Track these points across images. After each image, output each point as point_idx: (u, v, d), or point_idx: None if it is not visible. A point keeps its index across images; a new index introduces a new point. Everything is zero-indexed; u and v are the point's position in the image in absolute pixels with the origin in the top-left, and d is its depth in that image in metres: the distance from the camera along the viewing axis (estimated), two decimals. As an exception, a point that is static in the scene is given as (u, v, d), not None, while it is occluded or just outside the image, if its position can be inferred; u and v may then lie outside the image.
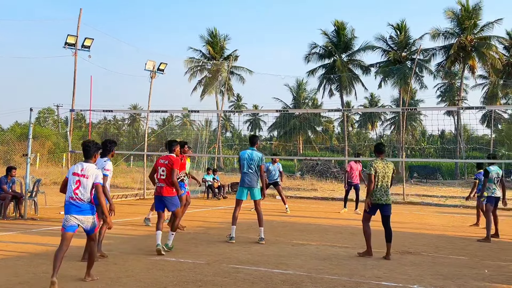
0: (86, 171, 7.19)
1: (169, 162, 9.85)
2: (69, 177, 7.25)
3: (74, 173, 7.21)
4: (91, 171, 7.21)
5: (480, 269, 8.80)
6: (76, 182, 7.14)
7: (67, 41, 18.84)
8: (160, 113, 19.70)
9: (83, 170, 7.20)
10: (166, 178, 9.78)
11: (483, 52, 49.77)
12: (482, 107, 20.70)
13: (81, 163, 7.35)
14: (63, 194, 7.27)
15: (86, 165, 7.26)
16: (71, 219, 7.12)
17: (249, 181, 11.18)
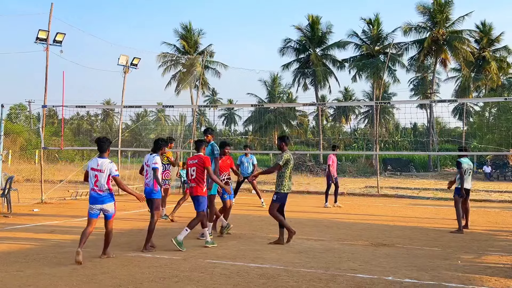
0: (101, 166, 8.39)
1: (199, 161, 9.85)
2: (89, 172, 8.47)
3: (92, 168, 8.44)
4: (106, 165, 8.40)
5: (453, 260, 8.94)
6: (95, 176, 8.39)
7: (39, 36, 18.49)
8: (134, 108, 19.51)
9: (98, 165, 8.41)
10: (196, 178, 9.80)
11: (455, 46, 50.45)
12: (454, 100, 20.98)
13: (96, 158, 8.52)
14: (36, 191, 7.35)
15: (101, 161, 8.45)
16: (94, 208, 8.48)
17: None
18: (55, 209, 16.40)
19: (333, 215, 15.58)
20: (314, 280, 7.23)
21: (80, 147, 43.71)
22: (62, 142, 19.43)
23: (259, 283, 7.01)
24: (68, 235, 11.02)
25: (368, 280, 7.29)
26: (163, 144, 10.04)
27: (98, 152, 8.61)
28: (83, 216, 14.43)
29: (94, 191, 8.43)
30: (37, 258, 8.46)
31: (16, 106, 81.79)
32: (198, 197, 9.82)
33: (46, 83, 18.64)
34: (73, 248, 9.36)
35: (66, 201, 19.03)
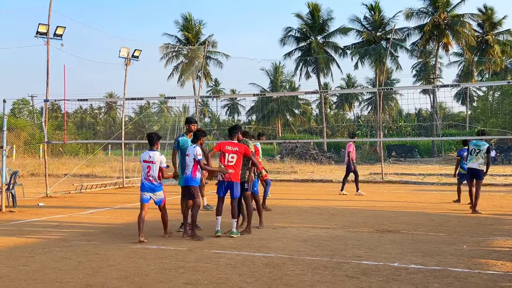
0: (153, 158, 9.42)
1: (240, 149, 9.93)
2: (142, 164, 9.56)
3: (144, 161, 9.48)
4: (157, 157, 9.44)
5: (459, 244, 8.93)
6: (147, 167, 9.42)
7: (39, 30, 18.45)
8: (137, 100, 19.48)
9: (150, 157, 9.44)
10: (235, 164, 9.87)
11: (457, 30, 50.16)
12: (457, 85, 20.92)
13: (148, 152, 9.57)
14: (41, 185, 7.44)
15: (152, 153, 9.49)
16: (145, 194, 9.55)
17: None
18: (60, 203, 16.45)
19: (338, 203, 15.57)
20: (320, 268, 7.22)
21: (84, 141, 43.73)
22: (65, 136, 19.42)
23: (264, 272, 7.01)
24: (74, 229, 11.04)
25: (374, 266, 7.29)
26: (202, 135, 10.03)
27: (149, 145, 9.64)
28: (88, 210, 14.50)
29: (146, 180, 9.48)
30: (42, 252, 8.47)
31: (19, 101, 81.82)
32: (235, 184, 9.89)
33: (48, 77, 18.62)
34: (79, 242, 9.42)
35: (71, 194, 19.08)
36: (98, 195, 19.10)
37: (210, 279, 6.65)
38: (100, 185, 21.65)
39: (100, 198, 17.94)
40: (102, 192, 20.15)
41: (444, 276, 6.75)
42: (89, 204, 15.88)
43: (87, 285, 6.41)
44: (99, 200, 17.09)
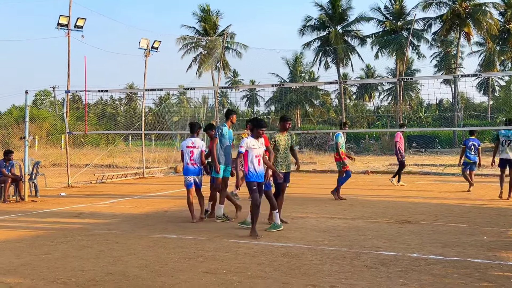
0: (195, 143, 10.55)
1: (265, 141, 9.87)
2: (184, 150, 10.56)
3: (187, 146, 10.52)
4: (198, 143, 10.58)
5: (479, 235, 8.87)
6: (191, 152, 10.49)
7: (60, 22, 18.63)
8: (156, 91, 19.61)
9: (193, 143, 10.54)
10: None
11: (478, 19, 49.41)
12: (479, 74, 20.63)
13: (190, 138, 10.65)
14: (63, 175, 7.51)
15: (193, 139, 10.62)
16: (189, 178, 10.56)
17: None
18: (81, 192, 16.66)
19: (357, 193, 15.54)
20: (338, 258, 7.24)
21: (105, 131, 44.10)
22: (86, 127, 19.63)
23: (283, 262, 7.05)
24: (95, 218, 11.18)
25: (393, 257, 7.28)
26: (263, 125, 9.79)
27: (190, 133, 10.80)
28: (109, 199, 14.66)
29: (189, 165, 10.52)
30: (64, 241, 8.61)
31: (40, 92, 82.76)
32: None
33: (69, 68, 18.83)
34: (100, 231, 9.55)
35: (92, 184, 19.30)
36: (119, 185, 19.29)
37: (229, 268, 6.70)
38: (120, 175, 21.86)
39: (121, 188, 18.12)
40: (123, 182, 20.35)
41: (463, 267, 6.72)
42: (110, 194, 16.06)
43: (108, 273, 6.51)
44: (120, 190, 17.27)
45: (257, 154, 8.99)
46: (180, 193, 14.05)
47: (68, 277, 6.33)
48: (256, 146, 8.99)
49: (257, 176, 9.00)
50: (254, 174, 8.96)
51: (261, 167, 9.05)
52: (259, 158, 9.04)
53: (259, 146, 9.03)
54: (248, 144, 8.95)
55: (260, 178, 9.04)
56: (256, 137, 9.05)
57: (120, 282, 6.11)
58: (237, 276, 6.35)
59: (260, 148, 9.04)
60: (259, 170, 9.03)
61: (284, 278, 6.26)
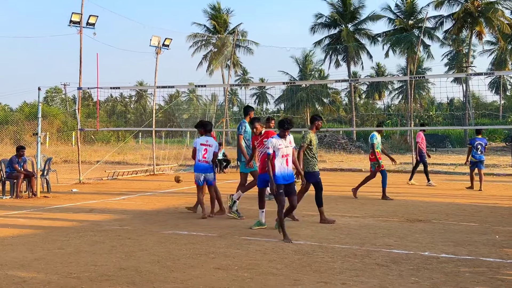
0: (210, 142, 10.77)
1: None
2: (198, 147, 10.72)
3: (201, 144, 10.72)
4: (212, 142, 10.83)
5: (491, 234, 8.84)
6: (204, 149, 10.69)
7: (72, 19, 18.75)
8: (167, 88, 19.67)
9: (207, 141, 10.76)
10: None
11: (490, 17, 49.07)
12: (491, 73, 20.50)
13: (205, 136, 10.85)
14: (74, 172, 7.58)
15: (208, 138, 10.83)
16: (199, 176, 10.72)
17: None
18: (93, 189, 16.76)
19: (367, 192, 15.50)
20: (349, 256, 7.24)
21: (116, 128, 44.28)
22: (97, 123, 19.74)
23: (294, 259, 7.06)
24: (106, 214, 11.25)
25: (404, 255, 7.27)
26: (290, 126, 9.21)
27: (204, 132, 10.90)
28: (121, 196, 14.74)
29: (201, 162, 10.68)
30: (77, 236, 8.67)
31: (51, 89, 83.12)
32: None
33: (81, 65, 18.93)
34: (112, 226, 9.61)
35: (103, 181, 19.41)
36: (130, 181, 19.38)
37: (241, 265, 6.73)
38: (131, 172, 21.96)
39: (132, 184, 18.21)
40: (134, 179, 20.44)
41: (475, 266, 6.70)
42: (121, 191, 16.15)
43: (120, 268, 6.55)
44: (131, 187, 17.35)
45: (284, 153, 8.53)
46: (191, 190, 14.09)
47: (81, 272, 6.38)
48: (283, 145, 8.51)
49: (283, 178, 8.52)
50: (280, 176, 8.46)
51: (289, 167, 8.59)
52: (287, 158, 8.58)
53: (286, 145, 8.56)
54: (274, 144, 8.47)
55: (288, 179, 8.57)
56: (282, 136, 8.57)
57: (133, 277, 6.15)
58: (248, 272, 6.38)
59: (287, 147, 8.58)
60: (287, 170, 8.56)
61: (296, 275, 6.28)
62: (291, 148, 8.70)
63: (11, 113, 53.98)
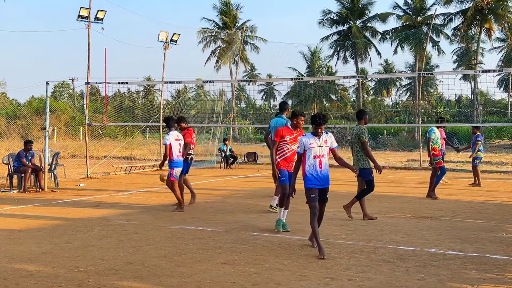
0: (180, 136, 10.93)
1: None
2: (173, 143, 10.67)
3: (176, 139, 10.76)
4: (180, 136, 10.97)
5: (498, 232, 8.81)
6: (179, 144, 10.81)
7: (80, 14, 18.80)
8: (175, 84, 19.69)
9: (178, 135, 10.88)
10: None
11: (500, 14, 48.76)
12: (500, 70, 20.40)
13: (175, 131, 10.91)
14: (82, 166, 7.65)
15: (177, 132, 11.00)
16: (178, 171, 10.93)
17: None
18: (100, 183, 16.82)
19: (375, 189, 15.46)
20: (356, 252, 7.24)
21: (123, 123, 44.42)
22: (105, 118, 19.78)
23: (300, 254, 7.07)
24: (114, 209, 11.29)
25: (411, 252, 7.26)
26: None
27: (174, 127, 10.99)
28: (128, 191, 14.79)
29: (179, 157, 10.80)
30: (84, 230, 8.71)
31: (59, 84, 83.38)
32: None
33: (89, 60, 19.00)
34: (119, 221, 9.65)
35: (110, 176, 19.47)
36: (137, 176, 19.44)
37: (247, 260, 6.74)
38: (138, 167, 22.01)
39: (139, 179, 18.26)
40: (141, 174, 20.49)
41: (482, 263, 6.68)
42: (128, 185, 16.20)
43: (127, 263, 6.58)
44: (138, 182, 17.40)
45: (317, 154, 7.43)
46: (197, 185, 14.11)
47: (89, 266, 6.42)
48: (314, 144, 7.44)
49: (317, 181, 7.44)
50: (312, 178, 7.43)
51: (323, 169, 7.47)
52: (321, 159, 7.43)
53: (319, 145, 7.45)
54: (304, 143, 7.47)
55: (323, 183, 7.46)
56: (315, 134, 7.50)
57: (140, 271, 6.18)
58: (255, 267, 6.39)
59: (321, 147, 7.45)
60: (321, 173, 7.46)
61: (302, 270, 6.28)
62: (327, 148, 7.55)
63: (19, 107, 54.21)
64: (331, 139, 7.67)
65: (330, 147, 7.59)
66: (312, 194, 7.43)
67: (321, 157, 7.45)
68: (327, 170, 7.53)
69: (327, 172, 7.53)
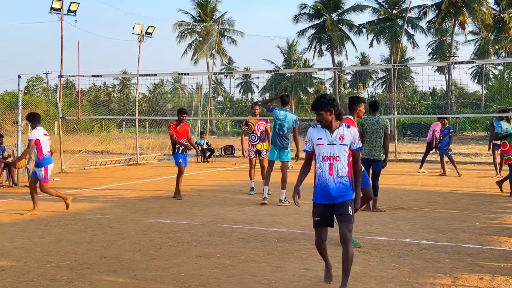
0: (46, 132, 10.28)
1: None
2: (42, 139, 9.88)
3: (45, 134, 10.06)
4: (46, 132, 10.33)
5: (471, 222, 8.92)
6: (49, 139, 10.20)
7: (53, 6, 18.50)
8: (150, 77, 19.51)
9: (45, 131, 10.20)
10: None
11: (473, 8, 49.35)
12: (473, 61, 20.68)
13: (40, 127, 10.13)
14: (56, 161, 7.50)
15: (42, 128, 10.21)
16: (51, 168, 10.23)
17: (281, 142, 11.10)
18: (75, 178, 16.63)
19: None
20: (332, 243, 7.24)
21: (97, 116, 43.96)
22: (79, 111, 19.54)
23: (276, 246, 7.07)
24: (88, 203, 11.17)
25: (385, 242, 7.32)
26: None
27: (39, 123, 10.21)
28: (103, 185, 14.66)
29: (49, 153, 10.15)
30: (58, 225, 8.60)
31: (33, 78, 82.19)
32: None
33: (62, 53, 18.72)
34: (93, 215, 9.55)
35: (85, 170, 19.26)
36: (112, 171, 19.26)
37: (223, 252, 6.72)
38: (114, 162, 21.81)
39: (114, 174, 18.09)
40: (116, 168, 20.31)
41: (455, 252, 6.76)
42: (103, 180, 16.04)
43: (101, 257, 6.51)
44: (113, 176, 17.24)
45: (326, 154, 5.17)
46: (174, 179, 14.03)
47: (62, 260, 6.33)
48: (324, 140, 5.20)
49: (323, 194, 5.23)
50: (319, 189, 5.25)
51: (336, 178, 5.14)
52: (331, 162, 5.15)
53: (330, 141, 5.17)
54: (312, 137, 5.29)
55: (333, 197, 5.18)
56: (324, 124, 5.21)
57: (114, 266, 6.12)
58: (230, 260, 6.37)
59: (333, 145, 5.16)
60: (332, 183, 5.16)
61: (277, 262, 6.29)
62: (343, 147, 5.16)
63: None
64: (352, 135, 5.25)
65: (349, 147, 5.23)
66: (316, 214, 5.36)
67: (332, 159, 5.14)
68: (343, 179, 5.17)
69: (343, 182, 5.17)
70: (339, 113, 5.28)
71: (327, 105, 5.15)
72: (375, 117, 10.02)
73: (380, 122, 9.93)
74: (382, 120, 9.98)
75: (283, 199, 10.86)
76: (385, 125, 9.92)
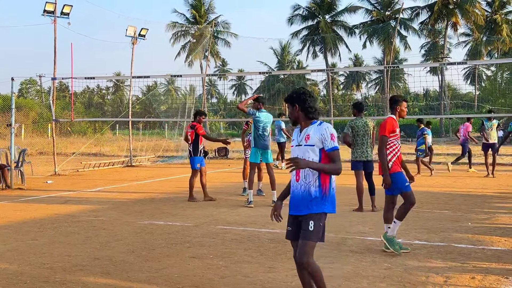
0: None
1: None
2: None
3: None
4: None
5: (463, 222, 8.97)
6: None
7: (46, 8, 18.49)
8: (144, 79, 19.53)
9: None
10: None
11: (466, 9, 49.59)
12: (465, 62, 20.83)
13: None
14: (50, 164, 7.51)
15: None
16: None
17: (264, 144, 11.11)
18: (68, 180, 16.60)
19: (343, 182, 15.60)
20: (325, 244, 7.26)
21: (91, 118, 43.92)
22: (72, 113, 19.53)
23: (269, 247, 7.09)
24: (82, 205, 11.16)
25: (378, 242, 7.35)
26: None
27: None
28: (96, 187, 14.64)
29: None
30: (51, 227, 8.60)
31: (26, 81, 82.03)
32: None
33: (55, 55, 18.71)
34: (87, 217, 9.55)
35: (79, 172, 19.23)
36: (106, 173, 19.23)
37: (216, 253, 6.74)
38: (107, 164, 21.78)
39: (108, 176, 18.07)
40: (110, 170, 20.28)
41: (448, 252, 6.80)
42: (97, 182, 16.02)
43: (94, 258, 6.52)
44: (107, 178, 17.22)
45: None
46: (168, 180, 14.08)
47: (55, 262, 6.34)
48: (294, 142, 4.69)
49: (292, 200, 4.75)
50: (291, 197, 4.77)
51: (301, 185, 4.56)
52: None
53: (299, 142, 4.60)
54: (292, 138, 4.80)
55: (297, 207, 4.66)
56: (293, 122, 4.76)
57: (107, 267, 6.13)
58: (223, 261, 6.39)
59: (299, 146, 4.60)
60: (296, 190, 4.63)
61: (270, 263, 6.31)
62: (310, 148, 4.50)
63: (-15, 105, 53.06)
64: (322, 134, 4.47)
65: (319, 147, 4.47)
66: (288, 224, 4.84)
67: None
68: (310, 186, 4.49)
69: (310, 191, 4.50)
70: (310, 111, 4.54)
71: (292, 99, 4.57)
72: (362, 119, 10.17)
73: (369, 124, 10.24)
74: (369, 121, 10.35)
75: (275, 200, 10.83)
76: (373, 125, 10.27)
